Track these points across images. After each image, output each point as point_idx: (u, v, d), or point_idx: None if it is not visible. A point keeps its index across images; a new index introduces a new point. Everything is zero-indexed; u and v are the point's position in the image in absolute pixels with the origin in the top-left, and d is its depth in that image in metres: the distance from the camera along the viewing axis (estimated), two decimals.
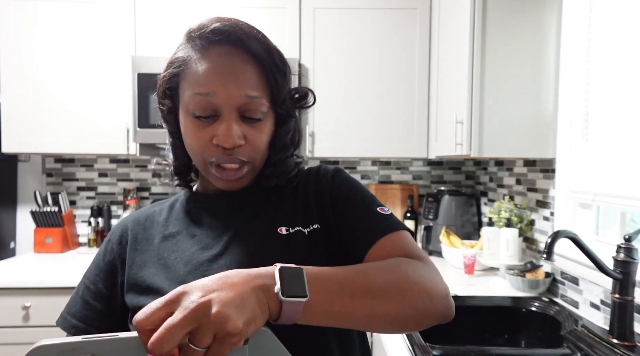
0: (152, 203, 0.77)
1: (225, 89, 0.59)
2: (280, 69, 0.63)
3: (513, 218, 1.67)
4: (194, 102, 0.60)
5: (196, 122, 0.61)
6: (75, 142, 1.98)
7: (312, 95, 0.70)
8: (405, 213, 2.27)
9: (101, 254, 0.70)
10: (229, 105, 0.60)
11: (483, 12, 1.49)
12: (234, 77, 0.60)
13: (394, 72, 2.01)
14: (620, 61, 1.21)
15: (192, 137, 0.62)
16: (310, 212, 0.66)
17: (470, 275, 1.73)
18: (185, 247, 0.65)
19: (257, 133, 0.63)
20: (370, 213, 0.65)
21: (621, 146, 1.20)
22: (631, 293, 1.06)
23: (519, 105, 1.49)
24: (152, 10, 1.97)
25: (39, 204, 2.14)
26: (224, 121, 0.60)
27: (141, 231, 0.70)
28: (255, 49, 0.61)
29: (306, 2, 1.97)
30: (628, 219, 1.28)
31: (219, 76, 0.60)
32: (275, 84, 0.63)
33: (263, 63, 0.62)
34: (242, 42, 0.61)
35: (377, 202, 0.67)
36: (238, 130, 0.61)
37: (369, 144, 2.03)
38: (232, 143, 0.60)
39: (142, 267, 0.65)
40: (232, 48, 0.61)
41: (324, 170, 0.72)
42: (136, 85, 1.89)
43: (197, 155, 0.64)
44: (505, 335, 1.41)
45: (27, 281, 1.66)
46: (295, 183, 0.71)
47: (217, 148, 0.61)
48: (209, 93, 0.60)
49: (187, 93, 0.61)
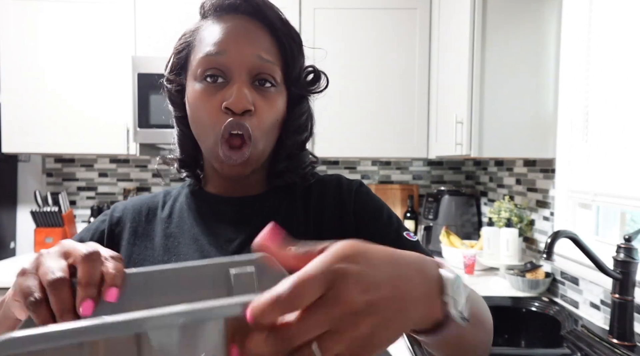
0: (153, 194, 0.71)
1: (237, 48, 0.56)
2: (296, 41, 0.61)
3: (513, 218, 1.67)
4: (204, 64, 0.57)
5: (205, 88, 0.57)
6: (75, 142, 1.98)
7: (326, 78, 0.67)
8: (405, 213, 2.27)
9: (90, 231, 0.65)
10: (241, 65, 0.56)
11: (483, 12, 1.49)
12: (247, 38, 0.57)
13: (394, 72, 2.01)
14: (620, 61, 1.21)
15: (201, 105, 0.58)
16: (322, 233, 0.63)
17: (470, 275, 1.73)
18: (186, 252, 0.62)
19: (267, 105, 0.58)
20: (398, 238, 0.62)
21: (621, 146, 1.20)
22: (631, 293, 1.06)
23: (519, 105, 1.49)
24: (152, 10, 1.97)
25: (39, 204, 2.14)
26: (235, 83, 0.56)
27: (141, 225, 0.66)
28: (272, 18, 0.59)
29: (306, 2, 1.97)
30: (628, 219, 1.28)
31: (232, 36, 0.57)
32: (290, 54, 0.60)
33: (278, 32, 0.59)
34: (258, 11, 0.58)
35: (403, 225, 0.65)
36: (249, 95, 0.57)
37: (369, 144, 2.03)
38: (243, 107, 0.55)
39: (139, 265, 0.61)
40: (247, 16, 0.59)
41: (346, 183, 0.68)
42: (136, 85, 1.90)
43: (206, 129, 0.58)
44: (505, 335, 1.41)
45: None
46: (308, 185, 0.67)
47: (226, 115, 0.56)
48: (220, 51, 0.56)
49: (197, 58, 0.58)
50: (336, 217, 0.64)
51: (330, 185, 0.68)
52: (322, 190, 0.67)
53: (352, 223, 0.63)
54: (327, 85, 0.67)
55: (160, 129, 1.91)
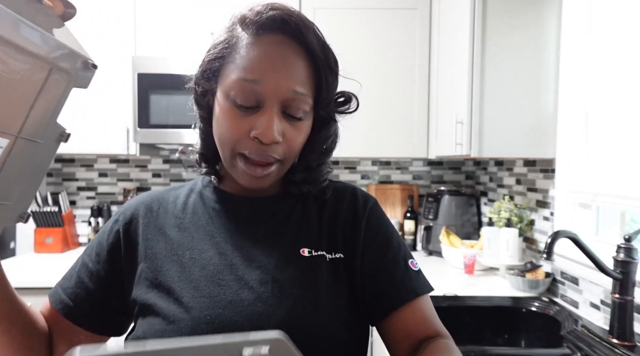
0: (165, 188, 0.72)
1: (274, 79, 0.56)
2: (332, 69, 0.60)
3: (513, 218, 1.67)
4: (238, 88, 0.56)
5: (235, 110, 0.57)
6: (75, 142, 1.98)
7: (356, 100, 0.67)
8: (405, 213, 2.27)
9: (106, 233, 0.66)
10: (274, 97, 0.56)
11: (483, 12, 1.49)
12: (285, 69, 0.56)
13: (394, 72, 2.01)
14: (620, 61, 1.21)
15: (228, 126, 0.58)
16: (336, 239, 0.64)
17: (470, 275, 1.73)
18: (201, 247, 0.61)
19: (296, 132, 0.59)
20: (404, 267, 0.64)
21: (621, 146, 1.20)
22: (631, 293, 1.06)
23: (519, 105, 1.49)
24: (152, 10, 1.97)
25: (39, 204, 2.14)
26: (265, 113, 0.56)
27: (153, 219, 0.65)
28: (311, 44, 0.57)
29: (306, 2, 1.97)
30: (628, 219, 1.28)
31: (270, 65, 0.56)
32: (325, 84, 0.60)
33: (317, 60, 0.58)
34: (300, 35, 0.57)
35: (409, 252, 0.67)
36: (279, 126, 0.57)
37: (369, 144, 2.03)
38: (272, 139, 0.56)
39: (153, 259, 0.61)
40: (286, 38, 0.57)
41: (362, 195, 0.69)
42: (136, 85, 1.90)
43: (227, 145, 0.59)
44: (505, 335, 1.41)
45: (27, 281, 1.66)
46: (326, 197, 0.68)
47: (253, 142, 0.57)
48: (256, 80, 0.55)
49: (232, 77, 0.57)
50: (349, 224, 0.65)
51: (346, 193, 0.69)
52: (337, 196, 0.68)
53: (361, 236, 0.64)
54: (357, 107, 0.68)
55: (161, 129, 1.91)
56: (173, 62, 1.90)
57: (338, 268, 0.62)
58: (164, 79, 1.89)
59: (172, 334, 0.54)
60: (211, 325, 0.54)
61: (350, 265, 0.63)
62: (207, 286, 0.57)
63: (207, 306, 0.56)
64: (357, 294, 0.63)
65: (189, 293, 0.57)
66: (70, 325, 0.63)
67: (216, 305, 0.56)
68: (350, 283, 0.62)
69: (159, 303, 0.57)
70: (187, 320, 0.55)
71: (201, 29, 1.94)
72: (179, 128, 1.90)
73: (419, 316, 0.61)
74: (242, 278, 0.58)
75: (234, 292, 0.57)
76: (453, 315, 1.41)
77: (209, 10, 1.97)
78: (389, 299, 0.61)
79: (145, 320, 0.58)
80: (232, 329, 0.53)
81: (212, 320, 0.54)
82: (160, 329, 0.55)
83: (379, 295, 0.62)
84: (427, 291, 0.64)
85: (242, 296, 0.56)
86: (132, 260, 0.63)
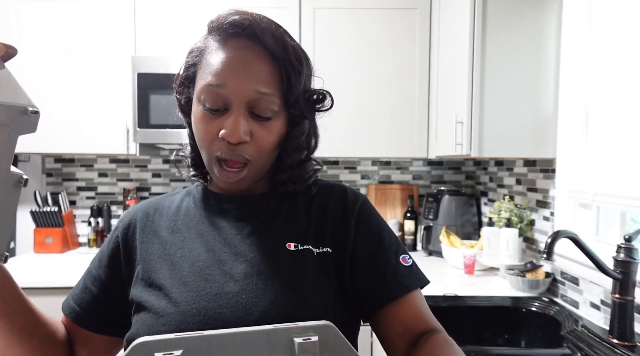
0: (163, 195, 0.75)
1: (236, 81, 0.59)
2: (295, 67, 0.62)
3: (513, 218, 1.67)
4: (206, 93, 0.60)
5: (206, 114, 0.61)
6: (75, 142, 1.98)
7: (330, 98, 0.69)
8: (405, 213, 2.27)
9: (107, 242, 0.70)
10: (239, 99, 0.59)
11: (483, 12, 1.49)
12: (245, 71, 0.59)
13: (394, 72, 2.01)
14: (620, 61, 1.21)
15: (201, 129, 0.61)
16: (324, 234, 0.65)
17: (470, 275, 1.73)
18: (191, 246, 0.64)
19: (265, 132, 0.61)
20: (395, 262, 0.64)
21: (621, 146, 1.20)
22: (631, 293, 1.06)
23: (519, 105, 1.49)
24: (152, 10, 1.97)
25: (39, 204, 2.14)
26: (232, 114, 0.59)
27: (149, 223, 0.69)
28: (270, 45, 0.60)
29: (306, 2, 1.97)
30: (628, 219, 1.28)
31: (231, 69, 0.59)
32: (288, 82, 0.61)
33: (278, 60, 0.60)
34: (258, 37, 0.60)
35: (402, 247, 0.67)
36: (245, 126, 0.60)
37: (369, 144, 2.03)
38: (238, 138, 0.59)
39: (148, 260, 0.64)
40: (248, 42, 0.60)
41: (352, 193, 0.70)
42: (136, 85, 1.89)
43: (204, 148, 0.62)
44: (505, 335, 1.41)
45: (27, 281, 1.66)
46: (312, 194, 0.69)
47: (223, 142, 0.60)
48: (220, 84, 0.59)
49: (201, 83, 0.61)
50: (338, 221, 0.66)
51: (335, 190, 0.71)
52: (326, 194, 0.70)
53: (352, 233, 0.65)
54: (332, 105, 0.69)
55: (160, 129, 1.91)
56: (173, 62, 1.90)
57: (325, 262, 0.63)
58: (164, 79, 1.89)
59: (161, 328, 0.56)
60: (197, 317, 0.56)
61: (339, 259, 0.64)
62: (194, 281, 0.59)
63: (193, 300, 0.58)
64: (348, 288, 0.64)
65: (177, 288, 0.59)
66: (84, 331, 0.67)
67: (202, 298, 0.58)
68: (339, 276, 0.63)
69: (151, 299, 0.60)
70: (175, 314, 0.57)
71: (201, 29, 1.94)
72: (179, 128, 1.90)
73: (411, 311, 0.62)
74: (228, 272, 0.60)
75: (219, 286, 0.59)
76: (453, 315, 1.41)
77: (209, 10, 1.97)
78: (379, 295, 0.62)
79: (138, 317, 0.60)
80: (217, 320, 0.55)
81: (198, 313, 0.56)
82: (150, 324, 0.57)
83: (369, 291, 0.63)
84: (419, 285, 0.64)
85: (227, 289, 0.58)
86: (131, 263, 0.66)
